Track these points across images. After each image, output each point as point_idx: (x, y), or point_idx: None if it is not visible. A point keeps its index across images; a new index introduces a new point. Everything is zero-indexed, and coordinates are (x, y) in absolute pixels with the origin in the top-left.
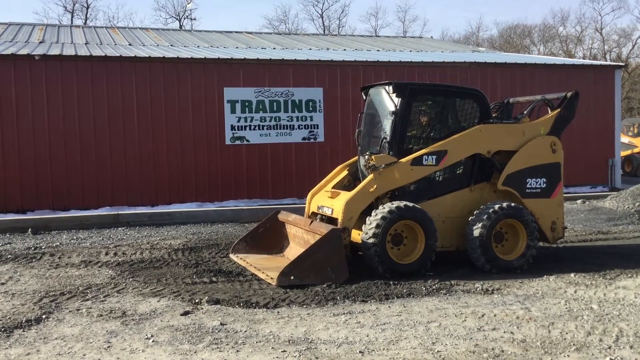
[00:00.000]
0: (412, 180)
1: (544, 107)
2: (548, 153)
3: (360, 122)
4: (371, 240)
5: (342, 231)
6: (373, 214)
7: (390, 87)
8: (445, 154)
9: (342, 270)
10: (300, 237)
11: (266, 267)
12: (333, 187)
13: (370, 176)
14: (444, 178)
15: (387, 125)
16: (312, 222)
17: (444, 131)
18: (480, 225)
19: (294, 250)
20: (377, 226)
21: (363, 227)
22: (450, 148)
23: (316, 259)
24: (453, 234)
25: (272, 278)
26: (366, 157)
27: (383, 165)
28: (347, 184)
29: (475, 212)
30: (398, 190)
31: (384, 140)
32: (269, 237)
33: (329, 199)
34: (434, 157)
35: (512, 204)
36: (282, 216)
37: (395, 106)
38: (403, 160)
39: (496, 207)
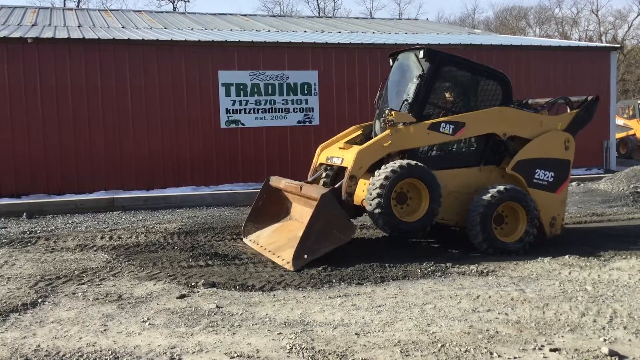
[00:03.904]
0: (427, 144)
1: (563, 106)
2: (561, 148)
3: (382, 87)
4: (377, 191)
5: (331, 192)
6: (383, 167)
7: (421, 52)
8: (462, 125)
9: (347, 227)
10: (298, 197)
11: (279, 245)
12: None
13: (387, 131)
14: (456, 151)
15: (411, 88)
16: (301, 187)
17: (465, 106)
18: (484, 202)
19: (298, 209)
20: (386, 178)
21: (371, 179)
22: (469, 121)
23: (319, 229)
24: (455, 208)
25: (288, 262)
26: (386, 112)
27: (401, 123)
28: (359, 142)
29: (480, 190)
30: (410, 153)
31: (406, 102)
32: (271, 206)
33: (339, 150)
34: (452, 126)
35: (518, 188)
36: (274, 183)
37: (423, 70)
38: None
39: (502, 187)
